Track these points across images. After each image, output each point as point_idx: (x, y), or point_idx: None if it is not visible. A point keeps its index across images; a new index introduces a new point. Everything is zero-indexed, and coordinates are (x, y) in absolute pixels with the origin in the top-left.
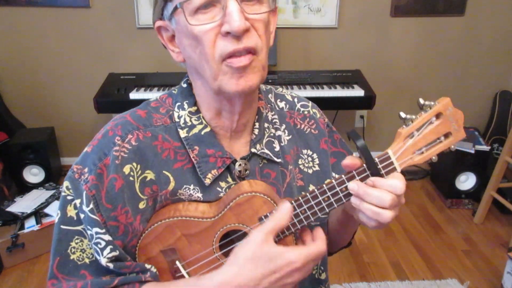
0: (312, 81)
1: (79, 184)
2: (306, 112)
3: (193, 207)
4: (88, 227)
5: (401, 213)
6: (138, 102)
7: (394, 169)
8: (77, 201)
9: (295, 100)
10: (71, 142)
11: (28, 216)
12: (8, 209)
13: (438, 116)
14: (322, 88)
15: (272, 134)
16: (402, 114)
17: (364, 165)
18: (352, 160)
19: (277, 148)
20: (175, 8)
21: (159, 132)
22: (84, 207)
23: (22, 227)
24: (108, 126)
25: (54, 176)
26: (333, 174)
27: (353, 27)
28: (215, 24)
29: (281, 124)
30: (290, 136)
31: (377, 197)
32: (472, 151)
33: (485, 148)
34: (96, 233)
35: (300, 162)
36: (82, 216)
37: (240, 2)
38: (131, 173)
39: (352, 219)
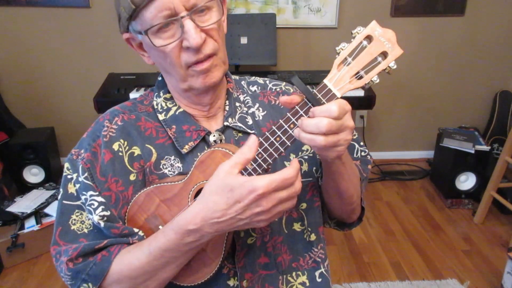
0: (312, 81)
1: (77, 162)
2: (278, 89)
3: (170, 178)
4: (83, 192)
5: (401, 213)
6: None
7: (334, 96)
8: (75, 175)
9: (267, 81)
10: (71, 142)
11: (28, 216)
12: (8, 209)
13: (369, 39)
14: None
15: (244, 111)
16: (336, 48)
17: (305, 98)
18: (290, 97)
19: (250, 122)
20: (139, 32)
21: (142, 115)
22: (80, 178)
23: (22, 227)
24: (100, 116)
25: (54, 176)
26: None
27: (353, 27)
28: (177, 42)
29: (254, 103)
30: (265, 112)
31: (314, 124)
32: (472, 151)
33: (485, 148)
34: (90, 195)
35: None
36: (78, 186)
37: (194, 19)
38: (120, 149)
39: (333, 163)
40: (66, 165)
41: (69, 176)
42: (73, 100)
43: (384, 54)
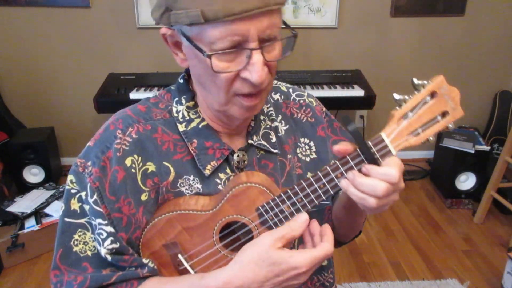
0: (312, 81)
1: (84, 177)
2: (301, 101)
3: (193, 201)
4: (92, 217)
5: (401, 213)
6: (138, 102)
7: (389, 152)
8: (82, 194)
9: (290, 90)
10: (71, 142)
11: (28, 216)
12: (8, 209)
13: (432, 95)
14: (322, 88)
15: (268, 126)
16: (396, 96)
17: (358, 149)
18: (343, 145)
19: (274, 139)
20: (199, 48)
21: (159, 125)
22: (89, 199)
23: (22, 227)
24: (109, 121)
25: (54, 176)
26: (334, 161)
27: (353, 27)
28: (237, 71)
29: (277, 115)
30: (287, 126)
31: (370, 186)
32: (472, 151)
33: (485, 148)
34: (99, 223)
35: (298, 151)
36: (87, 207)
37: (263, 53)
38: (133, 165)
39: (355, 206)
40: (70, 177)
41: (73, 191)
42: (73, 100)
43: (443, 113)
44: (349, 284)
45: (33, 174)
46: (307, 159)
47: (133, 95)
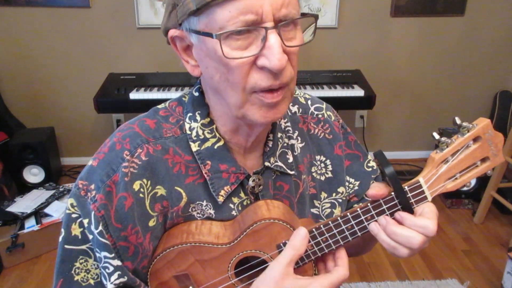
0: (312, 81)
1: (86, 203)
2: (320, 116)
3: (207, 229)
4: (97, 249)
5: None
6: (138, 102)
7: (425, 198)
8: (85, 221)
9: (309, 102)
10: (71, 142)
11: (28, 216)
12: (8, 209)
13: (476, 139)
14: (322, 88)
15: (285, 144)
16: (436, 135)
17: (393, 193)
18: (378, 189)
19: (291, 159)
20: (206, 34)
21: (170, 144)
22: (93, 228)
23: (22, 227)
24: (114, 137)
25: (54, 176)
26: (349, 178)
27: (353, 27)
28: (251, 58)
29: (293, 131)
30: (303, 144)
31: (406, 238)
32: None
33: None
34: (105, 257)
35: (313, 169)
36: (90, 237)
37: (281, 35)
38: (141, 190)
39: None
40: (71, 201)
41: (74, 215)
42: (73, 100)
43: (484, 158)
44: (349, 284)
45: (33, 174)
46: (322, 178)
47: (133, 95)
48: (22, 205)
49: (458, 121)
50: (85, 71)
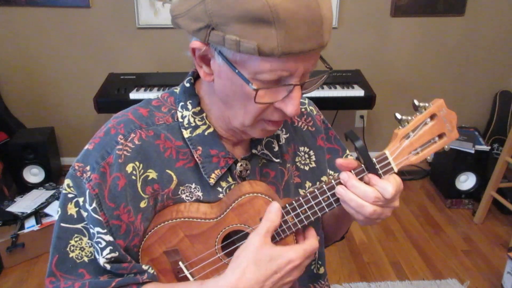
0: None
1: (82, 183)
2: (303, 110)
3: (195, 208)
4: (91, 225)
5: (401, 213)
6: (138, 102)
7: (392, 169)
8: (80, 199)
9: None
10: (71, 142)
11: (28, 216)
12: (8, 209)
13: (432, 117)
14: (322, 88)
15: (271, 134)
16: (398, 115)
17: (363, 165)
18: (346, 160)
19: (276, 148)
20: (243, 77)
21: (161, 131)
22: (87, 206)
23: (22, 227)
24: (109, 123)
25: (54, 176)
26: (329, 171)
27: (353, 27)
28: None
29: None
30: (288, 134)
31: (363, 191)
32: (472, 151)
33: (485, 148)
34: (98, 232)
35: (297, 159)
36: (85, 214)
37: (301, 87)
38: (134, 172)
39: (347, 214)
40: (67, 181)
41: (70, 195)
42: (73, 100)
43: (441, 135)
44: (349, 284)
45: (33, 174)
46: (306, 168)
47: (133, 95)
48: (22, 205)
49: (416, 102)
50: (85, 71)
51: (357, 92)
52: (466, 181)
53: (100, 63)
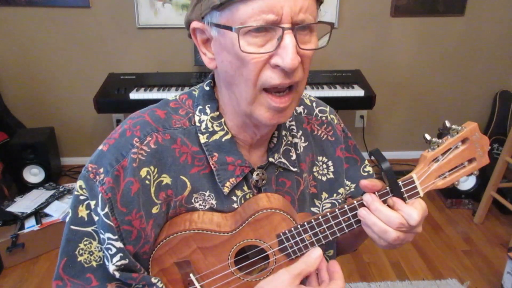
0: (312, 81)
1: (94, 185)
2: (324, 118)
3: (208, 218)
4: (101, 230)
5: None
6: (138, 102)
7: (417, 193)
8: (92, 202)
9: (314, 104)
10: (71, 142)
11: (28, 216)
12: (8, 209)
13: (464, 141)
14: (322, 88)
15: (289, 142)
16: (427, 136)
17: (387, 187)
18: (371, 182)
19: (294, 157)
20: (226, 27)
21: (178, 135)
22: (99, 210)
23: (22, 227)
24: (125, 124)
25: (54, 176)
26: (346, 181)
27: (353, 27)
28: (266, 55)
29: (298, 130)
30: (306, 143)
31: (387, 216)
32: None
33: None
34: (108, 238)
35: (314, 169)
36: (96, 218)
37: (296, 36)
38: (148, 177)
39: (364, 232)
40: (80, 183)
41: (81, 197)
42: (73, 100)
43: (471, 160)
44: (349, 284)
45: (33, 174)
46: (324, 178)
47: (133, 95)
48: (22, 205)
49: (448, 124)
50: (85, 71)
51: (357, 92)
52: (466, 181)
53: (100, 63)
